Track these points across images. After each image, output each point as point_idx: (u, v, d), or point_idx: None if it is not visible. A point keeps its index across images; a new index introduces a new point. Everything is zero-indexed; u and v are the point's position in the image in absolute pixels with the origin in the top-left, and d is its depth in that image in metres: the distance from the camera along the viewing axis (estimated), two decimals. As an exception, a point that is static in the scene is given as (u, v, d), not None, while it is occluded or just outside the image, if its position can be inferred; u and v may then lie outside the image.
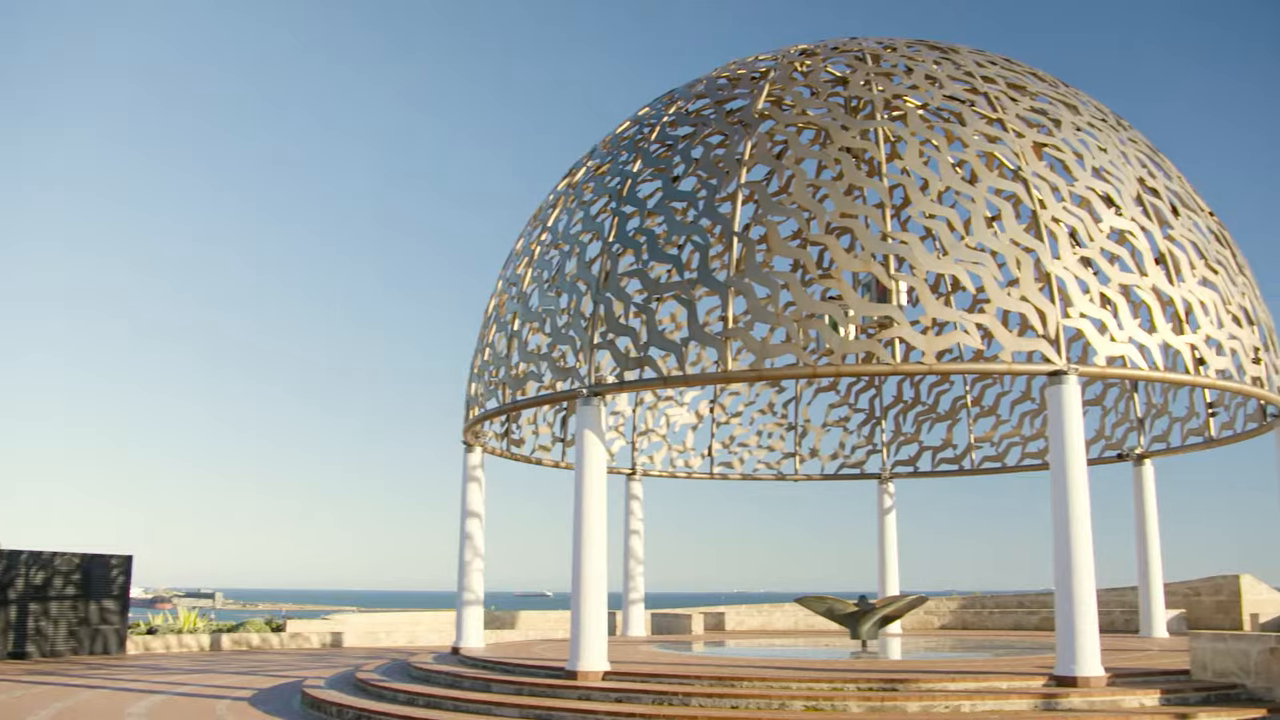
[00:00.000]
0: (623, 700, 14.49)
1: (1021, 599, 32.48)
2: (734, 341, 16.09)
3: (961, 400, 28.92)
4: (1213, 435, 23.16)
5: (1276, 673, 13.96)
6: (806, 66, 19.58)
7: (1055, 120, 17.86)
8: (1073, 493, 14.64)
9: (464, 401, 21.39)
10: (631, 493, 27.83)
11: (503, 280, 20.76)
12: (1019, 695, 13.66)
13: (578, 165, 20.70)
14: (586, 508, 16.12)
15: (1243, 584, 28.54)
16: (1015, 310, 15.59)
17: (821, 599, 22.48)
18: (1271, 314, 19.59)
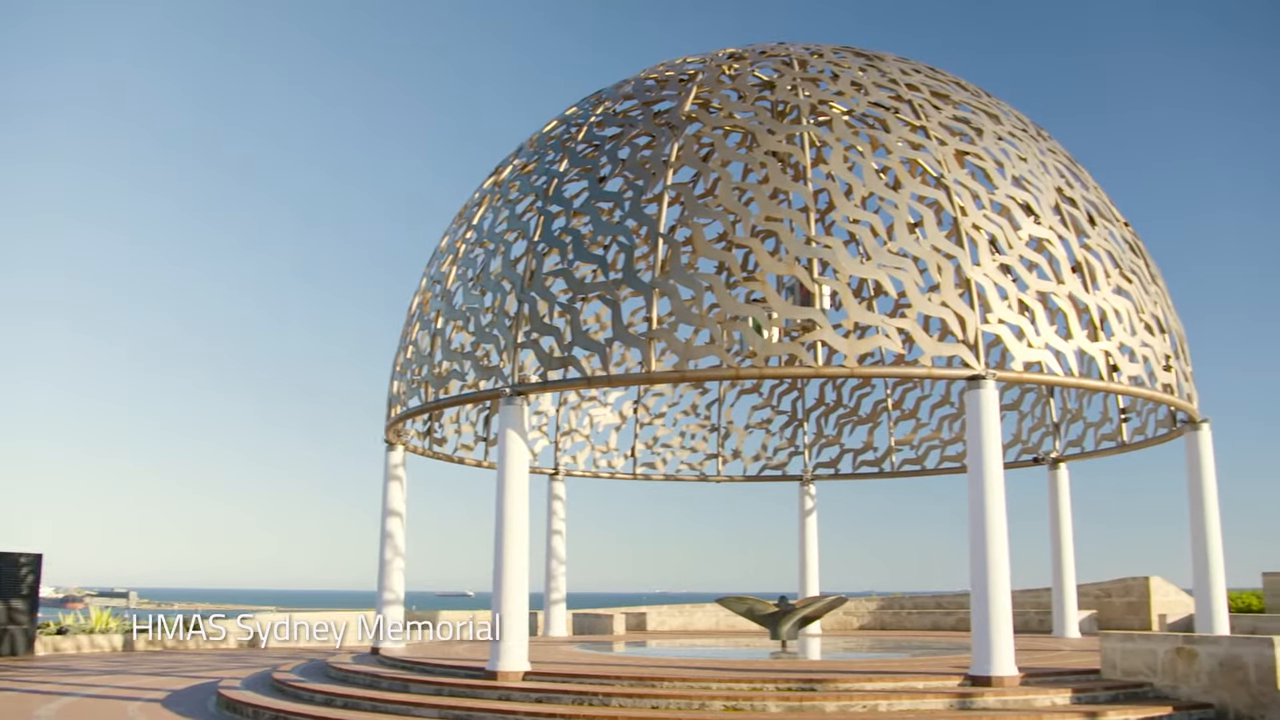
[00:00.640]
0: (543, 700, 14.44)
1: (939, 600, 32.92)
2: (658, 342, 16.12)
3: (882, 403, 29.22)
4: (1125, 440, 23.64)
5: (1182, 671, 14.28)
6: (734, 70, 19.69)
7: (977, 129, 18.12)
8: (989, 496, 14.86)
9: (386, 400, 21.20)
10: (554, 493, 27.77)
11: (427, 278, 20.61)
12: (935, 695, 13.83)
13: (504, 163, 20.62)
14: (508, 507, 16.05)
15: (1152, 585, 29.19)
16: (936, 315, 15.78)
17: (742, 599, 22.59)
18: (1182, 323, 20.06)
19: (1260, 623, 25.37)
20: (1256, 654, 13.52)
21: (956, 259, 15.93)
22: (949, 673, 15.00)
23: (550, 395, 27.75)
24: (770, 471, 29.78)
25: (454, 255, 19.47)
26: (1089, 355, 16.84)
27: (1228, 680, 13.77)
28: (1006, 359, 16.14)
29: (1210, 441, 20.47)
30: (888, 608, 33.26)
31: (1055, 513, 25.27)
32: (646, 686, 14.49)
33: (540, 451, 27.74)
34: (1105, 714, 13.33)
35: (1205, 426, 20.44)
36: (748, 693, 13.90)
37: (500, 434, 16.45)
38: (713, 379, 24.17)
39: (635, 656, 19.59)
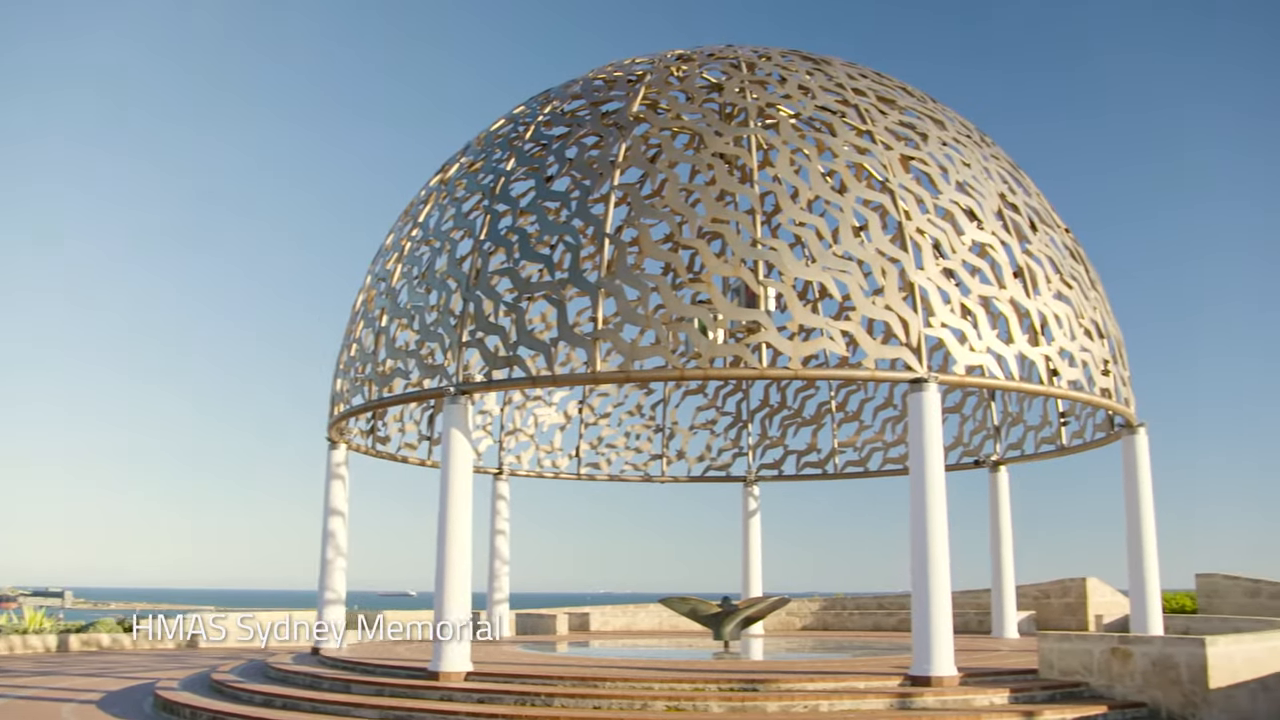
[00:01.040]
0: (485, 701, 14.40)
1: (881, 601, 33.15)
2: (603, 343, 16.12)
3: (826, 405, 29.40)
4: (1064, 444, 23.96)
5: (1117, 671, 14.50)
6: (682, 71, 19.73)
7: (922, 134, 18.29)
8: (930, 498, 15.00)
9: (329, 398, 21.03)
10: (498, 492, 27.68)
11: (372, 275, 20.47)
12: (875, 695, 13.95)
13: (451, 161, 20.52)
14: (451, 507, 15.97)
15: (1089, 586, 29.60)
16: (880, 318, 15.91)
17: (685, 600, 22.64)
18: (1119, 328, 20.36)
19: (1193, 623, 25.79)
20: (1188, 654, 13.76)
21: (900, 263, 16.06)
22: (890, 673, 15.12)
23: (495, 394, 27.66)
24: (714, 472, 29.86)
25: (399, 253, 19.35)
26: (1029, 359, 17.05)
27: (1161, 679, 13.99)
28: (949, 362, 16.30)
29: (1146, 445, 20.77)
30: (830, 608, 33.45)
31: (995, 515, 25.57)
32: (589, 687, 14.49)
33: (484, 451, 27.64)
34: (1042, 713, 13.51)
35: (1142, 430, 20.74)
36: (690, 693, 13.94)
37: (444, 433, 16.37)
38: (658, 380, 24.19)
39: (578, 657, 19.59)
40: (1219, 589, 29.66)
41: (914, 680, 14.50)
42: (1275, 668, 14.78)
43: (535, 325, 25.57)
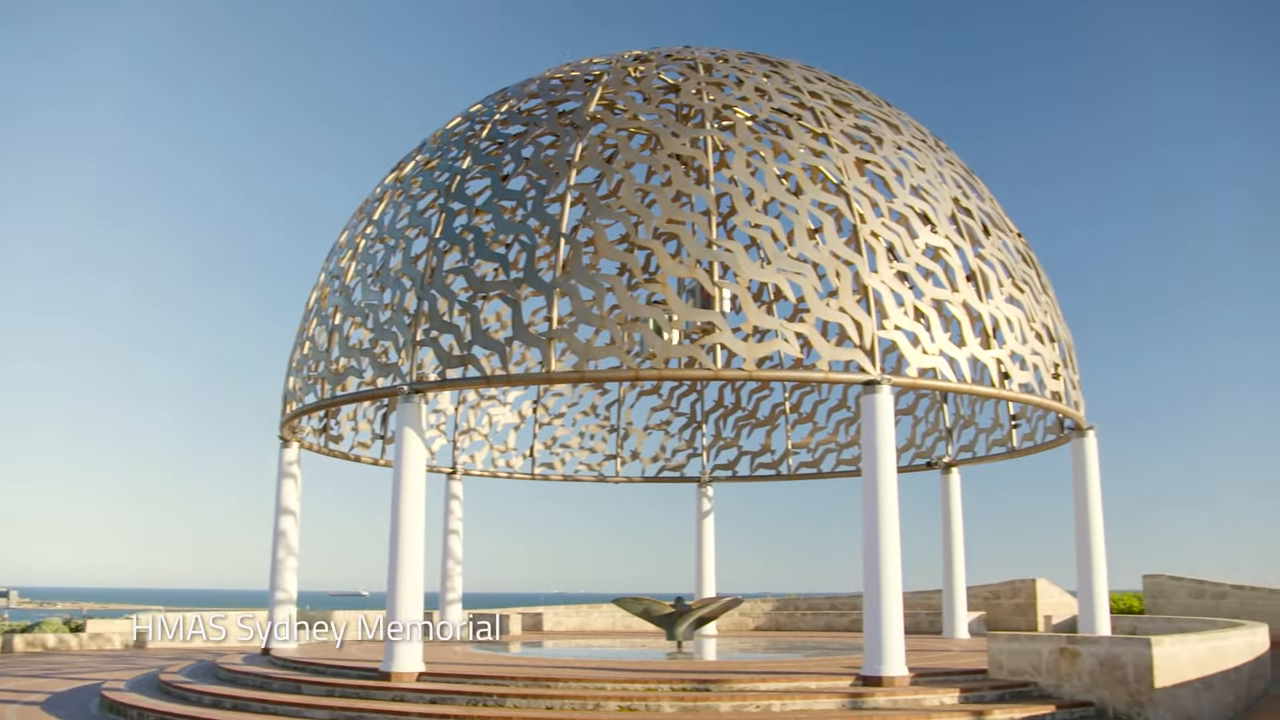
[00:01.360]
0: (437, 701, 14.33)
1: (833, 601, 33.33)
2: (558, 342, 16.10)
3: (780, 407, 29.51)
4: (1015, 446, 24.20)
5: (1065, 671, 14.65)
6: (640, 72, 19.75)
7: (878, 138, 18.40)
8: (882, 499, 15.09)
9: (281, 396, 20.87)
10: (451, 492, 27.58)
11: (325, 273, 20.32)
12: (827, 695, 14.01)
13: (406, 159, 20.42)
14: (404, 506, 15.89)
15: (1038, 587, 29.93)
16: (834, 320, 15.98)
17: (638, 600, 22.65)
18: (1070, 332, 20.58)
19: (1140, 623, 26.11)
20: (1135, 654, 13.93)
21: (855, 265, 16.14)
22: (841, 673, 15.20)
23: (449, 394, 27.56)
24: (668, 473, 29.90)
25: (354, 250, 19.23)
26: (982, 362, 17.19)
27: (1108, 679, 14.16)
28: (902, 365, 16.40)
29: (1095, 448, 21.01)
30: (783, 609, 33.59)
31: (947, 516, 25.77)
32: (541, 687, 14.46)
33: (438, 450, 27.54)
34: (991, 713, 13.62)
35: (1091, 433, 20.97)
36: (642, 693, 13.94)
37: (397, 432, 16.28)
38: (612, 380, 24.20)
39: (531, 657, 19.54)
40: (1165, 590, 30.09)
41: (865, 680, 14.58)
42: (1218, 667, 15.01)
43: (490, 324, 25.49)
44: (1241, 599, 28.24)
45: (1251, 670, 16.67)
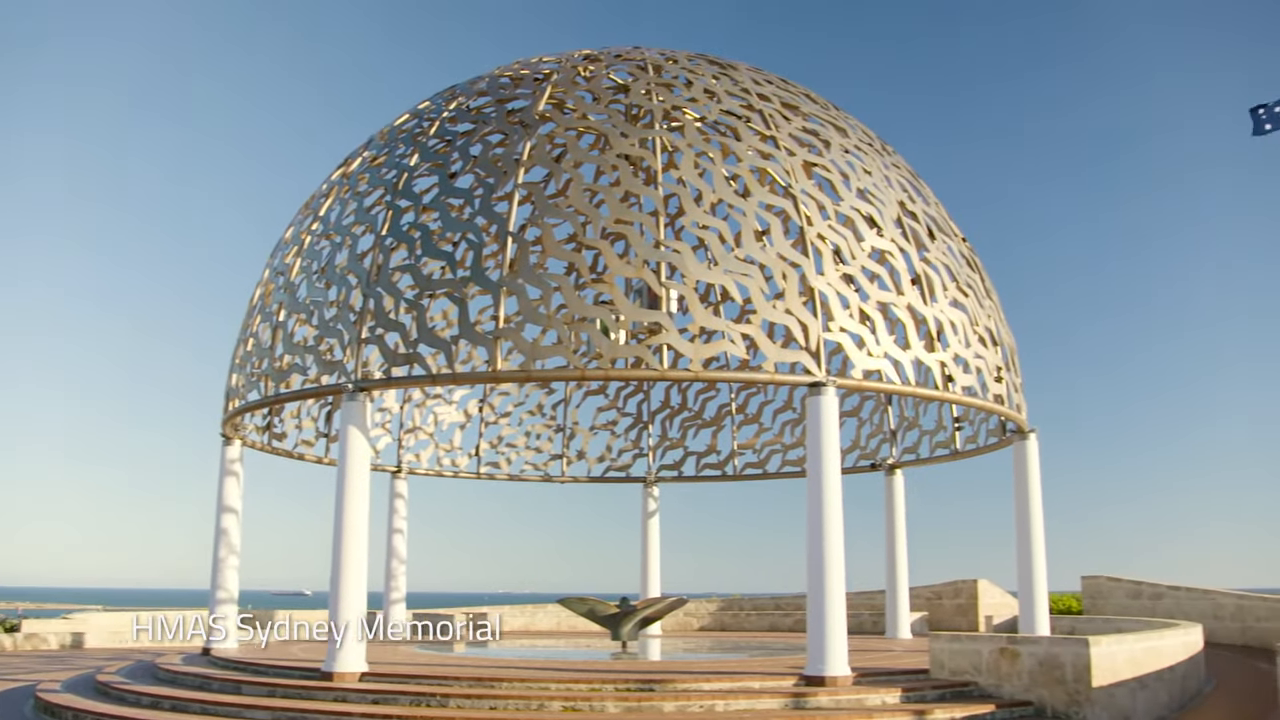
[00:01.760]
0: (380, 702, 14.25)
1: (778, 601, 33.48)
2: (504, 342, 16.05)
3: (726, 407, 29.59)
4: (958, 448, 24.45)
5: (1005, 671, 14.81)
6: (589, 71, 19.74)
7: (825, 141, 18.51)
8: (827, 500, 15.19)
9: (224, 393, 20.65)
10: (396, 491, 27.42)
11: (270, 269, 20.13)
12: (770, 695, 14.08)
13: (353, 155, 20.28)
14: (348, 505, 15.78)
15: (980, 588, 30.25)
16: (780, 322, 16.07)
17: (583, 600, 22.64)
18: (1013, 335, 20.82)
19: (1079, 624, 26.47)
20: (1073, 654, 14.11)
21: (801, 268, 16.23)
22: (785, 673, 15.28)
23: (394, 392, 27.38)
24: (614, 473, 29.90)
25: (299, 247, 19.07)
26: (926, 365, 17.35)
27: (1046, 678, 14.33)
28: (847, 367, 16.51)
29: (1036, 450, 21.28)
30: (727, 609, 33.69)
31: (890, 517, 25.95)
32: (485, 687, 14.41)
33: (383, 449, 27.35)
34: (932, 712, 13.74)
35: (1032, 436, 21.23)
36: (586, 693, 13.94)
37: (342, 430, 16.17)
38: (559, 379, 24.19)
39: (475, 657, 19.46)
40: (1103, 590, 30.54)
41: (808, 680, 14.66)
42: (1154, 667, 15.24)
43: (436, 323, 25.38)
44: (1177, 600, 28.71)
45: (1186, 670, 16.94)
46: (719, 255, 16.45)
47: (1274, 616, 25.96)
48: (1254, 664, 21.67)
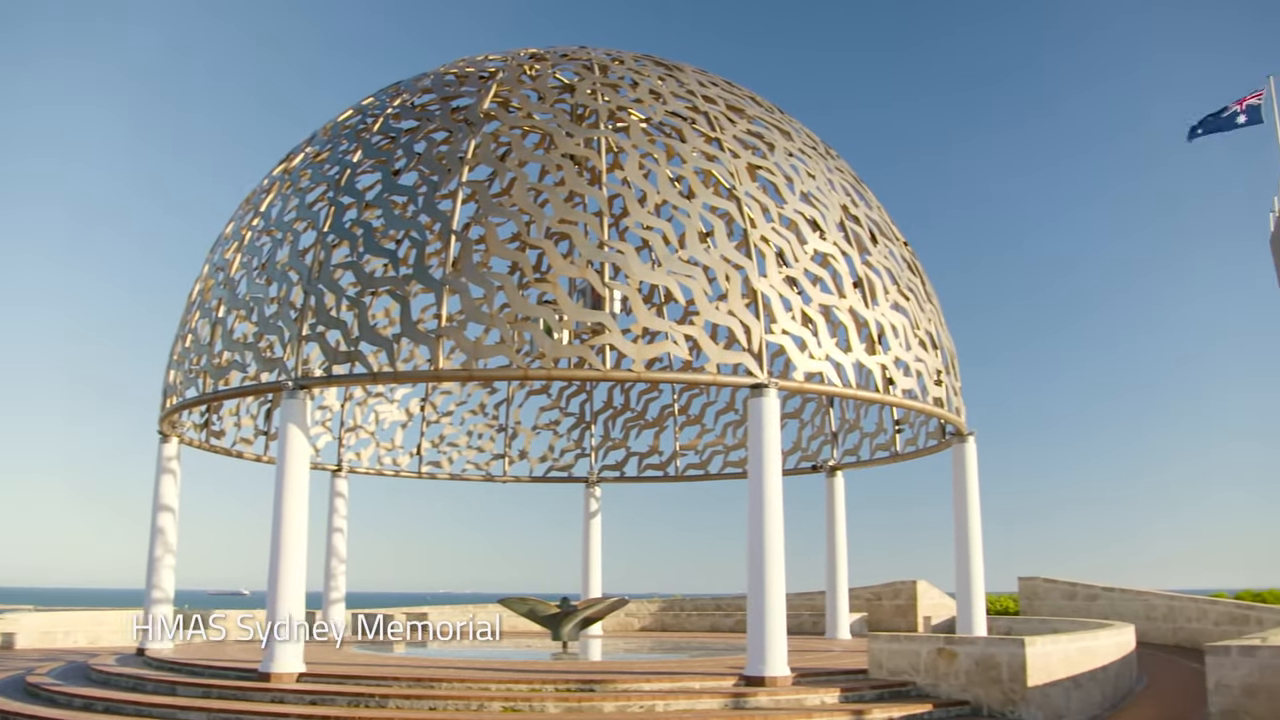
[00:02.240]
0: (317, 703, 14.13)
1: (719, 602, 33.57)
2: (447, 340, 15.98)
3: (669, 408, 29.64)
4: (898, 450, 24.66)
5: (943, 670, 14.96)
6: (535, 71, 19.70)
7: (770, 144, 18.60)
8: (767, 501, 15.26)
9: (161, 390, 20.38)
10: (336, 490, 27.18)
11: (209, 264, 19.89)
12: (710, 695, 14.12)
13: (295, 150, 20.09)
14: (287, 504, 15.63)
15: (919, 589, 30.53)
16: (723, 324, 16.12)
17: (524, 600, 22.58)
18: (952, 339, 21.04)
19: (1015, 624, 26.77)
20: (1009, 654, 14.28)
21: (744, 269, 16.30)
22: (725, 673, 15.33)
23: (335, 390, 27.16)
24: (556, 473, 29.86)
25: (239, 242, 18.86)
26: (867, 368, 17.48)
27: (983, 678, 14.49)
28: (789, 369, 16.61)
29: (975, 453, 21.51)
30: (669, 609, 33.74)
31: (831, 518, 26.13)
32: (424, 688, 14.34)
33: (323, 447, 27.12)
34: (871, 712, 13.85)
35: (971, 439, 21.46)
36: (526, 694, 13.91)
37: (281, 428, 16.02)
38: (501, 379, 24.12)
39: (414, 657, 19.34)
40: (1039, 592, 30.92)
41: (748, 680, 14.73)
42: (1088, 666, 15.46)
43: (378, 320, 25.17)
44: (1111, 601, 29.13)
45: (1119, 669, 17.19)
46: (663, 256, 16.48)
47: (1203, 617, 26.44)
48: (1184, 663, 22.04)
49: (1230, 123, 28.62)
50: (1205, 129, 29.05)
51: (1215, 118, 28.83)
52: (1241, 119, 28.43)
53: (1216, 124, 28.85)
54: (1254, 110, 28.35)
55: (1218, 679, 11.50)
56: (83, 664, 19.40)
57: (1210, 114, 28.91)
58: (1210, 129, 28.94)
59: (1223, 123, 28.74)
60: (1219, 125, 28.82)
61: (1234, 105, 28.55)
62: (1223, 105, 28.82)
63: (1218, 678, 11.50)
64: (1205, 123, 29.06)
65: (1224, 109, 28.68)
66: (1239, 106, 28.46)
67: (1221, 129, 28.80)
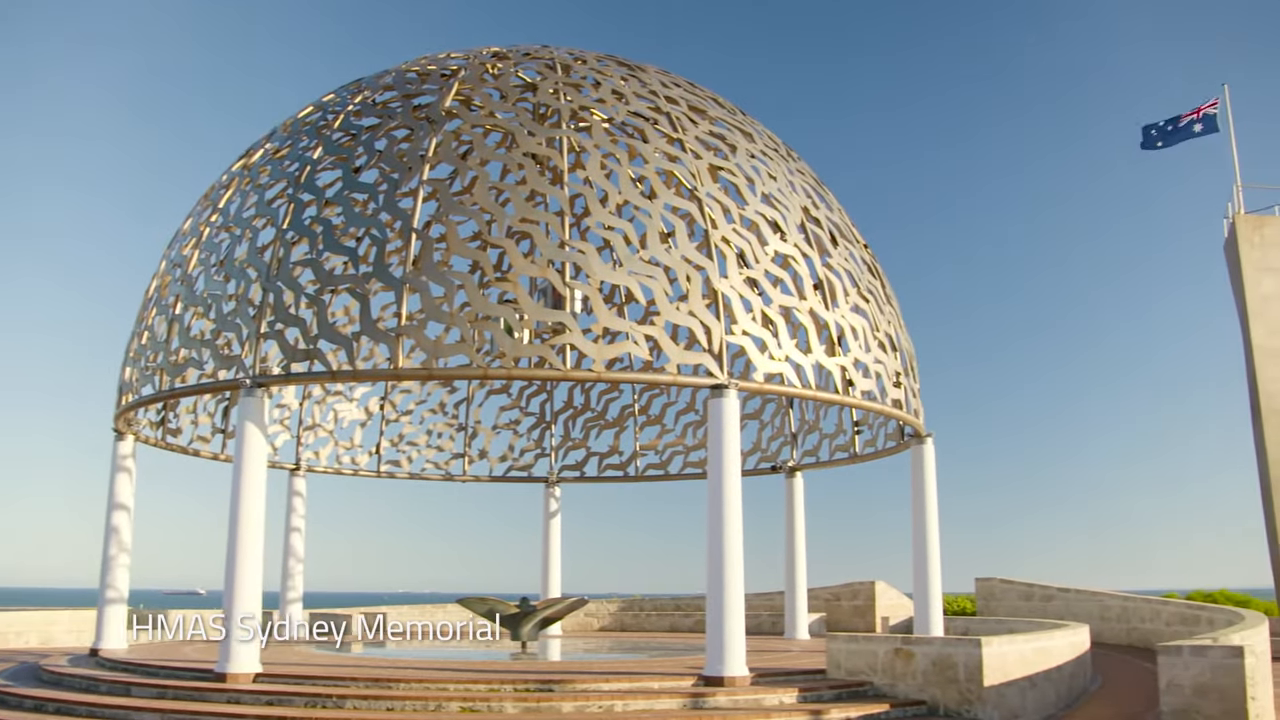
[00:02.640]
0: (274, 703, 14.02)
1: (678, 602, 33.61)
2: (406, 339, 15.91)
3: (629, 409, 29.66)
4: (857, 451, 24.79)
5: (900, 670, 15.05)
6: (497, 69, 19.64)
7: (731, 146, 18.64)
8: (727, 502, 15.30)
9: (116, 386, 20.17)
10: (294, 489, 27.02)
11: (167, 261, 19.70)
12: (669, 695, 14.14)
13: (255, 146, 19.93)
14: (244, 503, 15.51)
15: (877, 590, 30.70)
16: (683, 324, 16.14)
17: (483, 600, 22.53)
18: (911, 342, 21.17)
19: (972, 624, 26.98)
20: (966, 654, 14.38)
21: (705, 270, 16.33)
22: (684, 673, 15.35)
23: (293, 388, 26.98)
24: (516, 472, 29.80)
25: (197, 238, 18.69)
26: (826, 369, 17.56)
27: (940, 678, 14.58)
28: (749, 370, 16.64)
29: (933, 455, 21.65)
30: (628, 609, 33.74)
31: (790, 519, 26.22)
32: (382, 688, 14.27)
33: (281, 446, 26.94)
34: (829, 712, 13.91)
35: (929, 441, 21.60)
36: (485, 694, 13.87)
37: (239, 426, 15.89)
38: (461, 378, 23.96)
39: (372, 658, 19.26)
40: (996, 592, 31.17)
41: (707, 680, 14.76)
42: (1043, 666, 15.59)
43: (337, 319, 25.05)
44: (1067, 601, 29.42)
45: (1073, 669, 17.35)
46: (624, 256, 16.49)
47: (1156, 618, 26.73)
48: (1138, 663, 22.28)
49: (1187, 132, 29.01)
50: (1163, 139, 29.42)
51: (1172, 125, 29.20)
52: (1198, 128, 28.83)
53: (1174, 134, 29.23)
54: (1209, 119, 28.74)
55: (1170, 678, 11.64)
56: (34, 665, 19.15)
57: (1167, 120, 29.29)
58: (1168, 140, 29.33)
59: (1179, 132, 29.12)
60: (1176, 135, 29.20)
61: (1190, 114, 28.91)
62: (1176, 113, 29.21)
63: (1170, 677, 11.64)
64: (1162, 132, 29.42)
65: (1179, 116, 29.06)
66: (1195, 115, 28.83)
67: (1178, 139, 29.19)
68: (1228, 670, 11.29)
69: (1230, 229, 27.85)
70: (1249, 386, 27.33)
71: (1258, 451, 27.07)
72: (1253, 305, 27.03)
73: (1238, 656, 11.33)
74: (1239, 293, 27.59)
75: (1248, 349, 27.15)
